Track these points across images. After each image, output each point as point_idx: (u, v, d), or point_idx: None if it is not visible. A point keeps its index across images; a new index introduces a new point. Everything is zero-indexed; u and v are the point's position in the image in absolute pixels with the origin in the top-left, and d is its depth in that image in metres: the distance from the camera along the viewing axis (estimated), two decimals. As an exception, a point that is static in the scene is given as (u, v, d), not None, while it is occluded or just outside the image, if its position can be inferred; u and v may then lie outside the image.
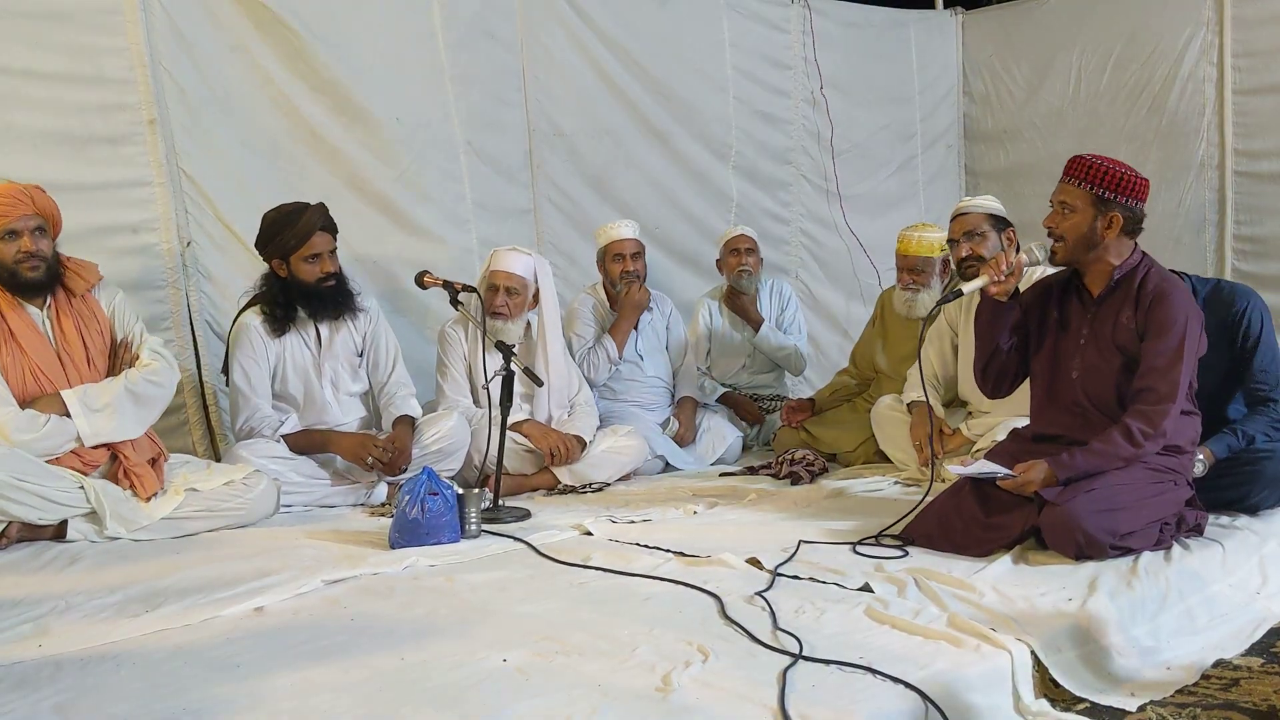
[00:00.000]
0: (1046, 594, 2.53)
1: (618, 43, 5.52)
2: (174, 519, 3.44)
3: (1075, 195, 2.98)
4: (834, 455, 4.61)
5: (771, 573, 2.76)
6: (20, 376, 3.37)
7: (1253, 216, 5.58)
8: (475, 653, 2.20)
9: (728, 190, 6.01)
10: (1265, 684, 2.31)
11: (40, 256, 3.38)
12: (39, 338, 3.41)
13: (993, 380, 3.27)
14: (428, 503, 3.24)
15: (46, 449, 3.33)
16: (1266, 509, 3.27)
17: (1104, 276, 3.04)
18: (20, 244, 3.34)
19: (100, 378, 3.50)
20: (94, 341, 3.50)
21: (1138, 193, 2.97)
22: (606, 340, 4.81)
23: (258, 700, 2.00)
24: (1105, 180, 2.94)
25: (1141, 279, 3.02)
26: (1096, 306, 3.07)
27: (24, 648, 2.36)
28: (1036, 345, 3.20)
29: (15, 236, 3.34)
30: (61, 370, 3.43)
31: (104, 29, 4.12)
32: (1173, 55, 5.77)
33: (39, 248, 3.38)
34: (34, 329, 3.42)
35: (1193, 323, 2.96)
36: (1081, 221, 2.98)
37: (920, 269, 4.44)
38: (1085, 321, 3.08)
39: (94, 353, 3.50)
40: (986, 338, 3.20)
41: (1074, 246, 3.01)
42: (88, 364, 3.48)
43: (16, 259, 3.34)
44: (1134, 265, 3.04)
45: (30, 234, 3.36)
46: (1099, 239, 2.99)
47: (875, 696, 1.96)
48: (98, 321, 3.52)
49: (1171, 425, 2.88)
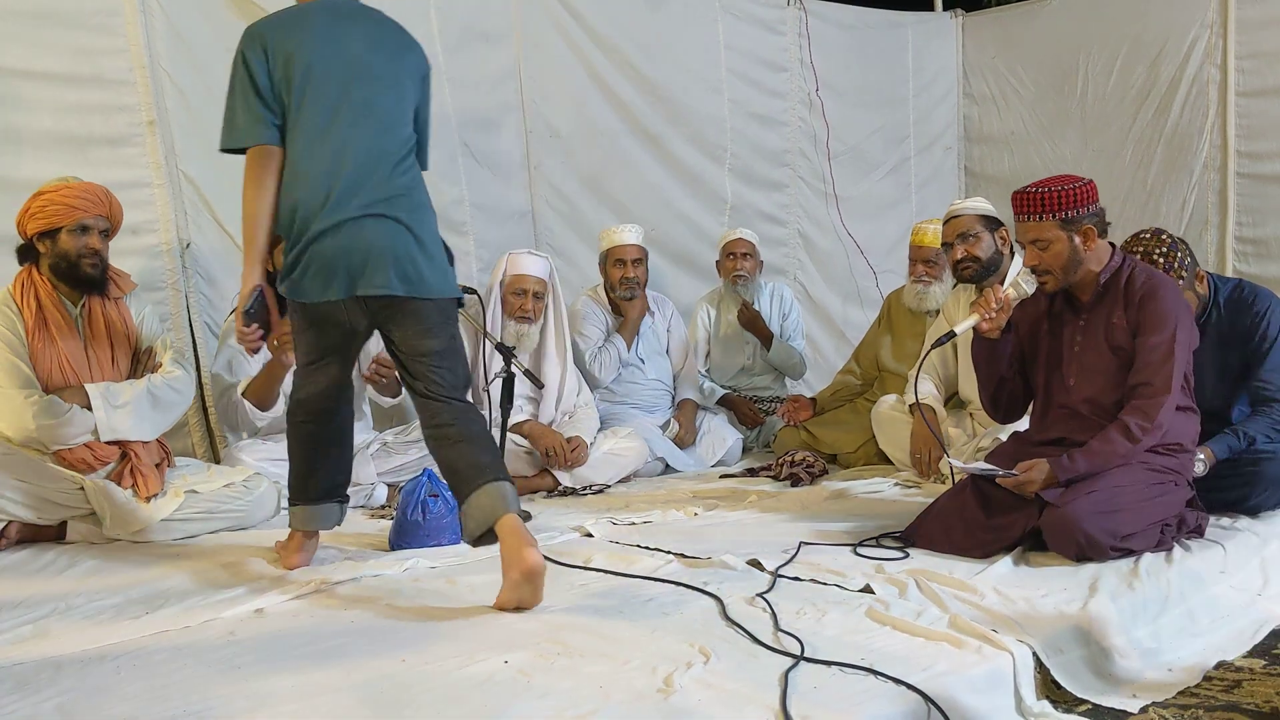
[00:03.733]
0: (1048, 595, 2.53)
1: (613, 45, 5.52)
2: (174, 521, 3.44)
3: (1043, 229, 2.98)
4: (834, 456, 4.61)
5: (772, 574, 2.76)
6: (48, 366, 3.43)
7: (1254, 218, 5.58)
8: (476, 654, 2.20)
9: (722, 192, 6.00)
10: (1267, 685, 2.31)
11: (101, 257, 3.49)
12: (72, 332, 3.49)
13: (1004, 408, 3.29)
14: (428, 505, 3.24)
15: (63, 437, 3.37)
16: (1267, 510, 3.27)
17: (1091, 283, 3.05)
18: (89, 240, 3.44)
19: (121, 379, 3.56)
20: (120, 344, 3.59)
21: (1092, 196, 2.99)
22: (616, 339, 4.80)
23: (258, 702, 2.00)
24: (1063, 203, 2.95)
25: (1128, 278, 3.03)
26: (1087, 312, 3.07)
27: (24, 649, 2.35)
28: (1031, 359, 3.20)
29: (86, 232, 3.43)
30: (87, 366, 3.49)
31: (103, 30, 4.12)
32: (1178, 58, 5.77)
33: (102, 248, 3.49)
34: (68, 323, 3.50)
35: (1184, 316, 2.97)
36: (1061, 250, 2.98)
37: (934, 261, 4.48)
38: (1077, 329, 3.09)
39: (119, 354, 3.58)
40: (988, 373, 3.22)
41: (1062, 274, 3.02)
42: (112, 364, 3.55)
43: (80, 253, 3.43)
44: (1117, 266, 3.05)
45: (99, 234, 3.46)
46: (1081, 255, 3.00)
47: (877, 698, 1.96)
48: (126, 326, 3.62)
49: (1167, 418, 2.89)
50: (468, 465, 2.70)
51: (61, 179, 3.45)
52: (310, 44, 2.80)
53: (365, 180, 2.76)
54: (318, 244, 2.73)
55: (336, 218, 2.72)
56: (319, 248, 2.73)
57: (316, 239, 2.73)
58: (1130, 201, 5.92)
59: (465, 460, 2.71)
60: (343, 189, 2.74)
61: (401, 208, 2.80)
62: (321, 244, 2.73)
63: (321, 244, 2.73)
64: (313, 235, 2.73)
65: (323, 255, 2.73)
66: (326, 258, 2.73)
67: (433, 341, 2.82)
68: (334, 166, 2.75)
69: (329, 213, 2.73)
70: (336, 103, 2.79)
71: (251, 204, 2.80)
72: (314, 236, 2.73)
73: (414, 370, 2.83)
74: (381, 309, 2.81)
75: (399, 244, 2.77)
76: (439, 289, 2.84)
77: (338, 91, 2.79)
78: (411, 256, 2.78)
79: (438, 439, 2.78)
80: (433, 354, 2.82)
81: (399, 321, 2.82)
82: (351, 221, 2.73)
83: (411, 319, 2.81)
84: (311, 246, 2.74)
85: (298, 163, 2.78)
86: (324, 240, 2.73)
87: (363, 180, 2.76)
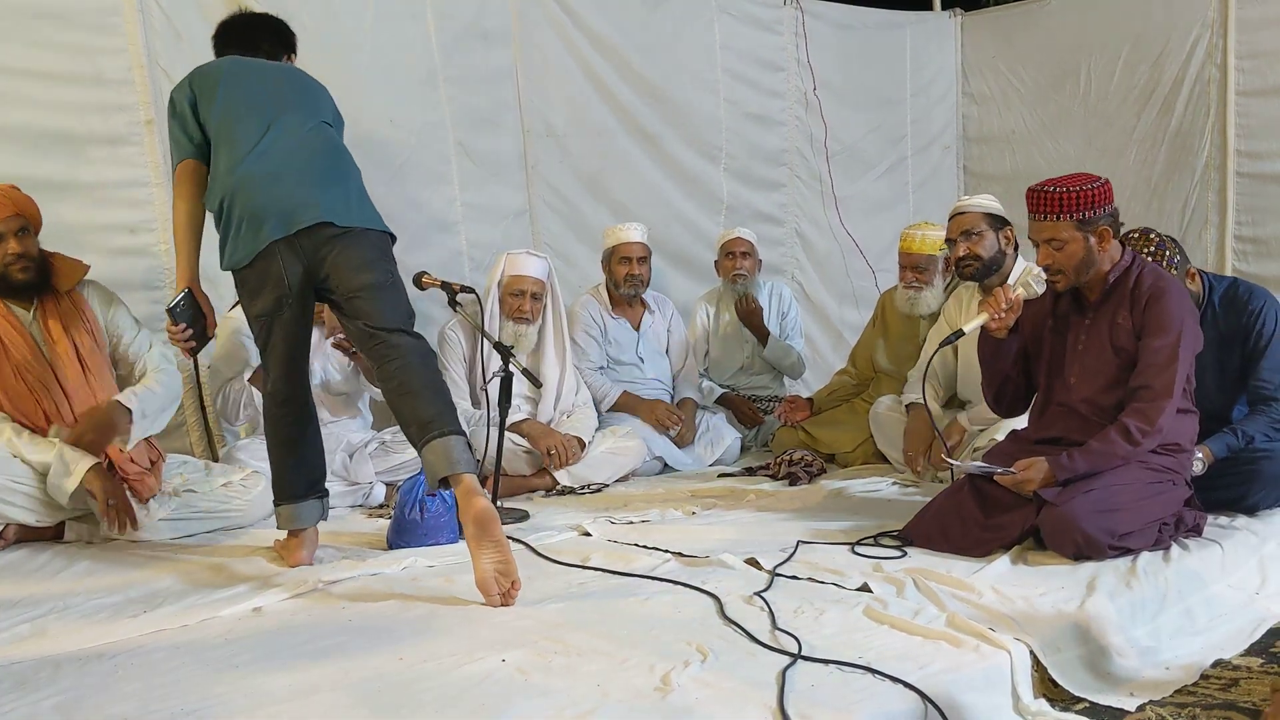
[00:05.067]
0: (1046, 594, 2.53)
1: (610, 45, 5.51)
2: (172, 520, 3.44)
3: (1059, 228, 2.96)
4: (832, 456, 4.61)
5: (770, 573, 2.76)
6: (4, 379, 3.32)
7: (1254, 217, 5.58)
8: (474, 653, 2.20)
9: (719, 192, 5.99)
10: (1264, 684, 2.31)
11: (29, 257, 3.32)
12: (24, 339, 3.35)
13: (1007, 404, 3.30)
14: (426, 504, 3.24)
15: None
16: (1265, 509, 3.27)
17: (1099, 282, 3.05)
18: (6, 247, 3.28)
19: (93, 376, 3.43)
20: (82, 340, 3.43)
21: (1109, 196, 2.98)
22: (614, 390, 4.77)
23: (257, 700, 2.00)
24: (1080, 203, 2.93)
25: (1135, 279, 3.02)
26: (1093, 312, 3.07)
27: (23, 648, 2.36)
28: (1035, 356, 3.20)
29: (1, 240, 3.28)
30: (51, 374, 3.37)
31: (102, 29, 4.11)
32: (1181, 57, 5.77)
33: (25, 248, 3.32)
34: (19, 330, 3.35)
35: (1189, 321, 2.96)
36: (1076, 250, 2.97)
37: (923, 267, 4.45)
38: (1082, 328, 3.09)
39: (83, 351, 3.42)
40: (993, 370, 3.22)
41: (1075, 274, 3.01)
42: (79, 364, 3.41)
43: (5, 262, 3.28)
44: (1126, 266, 3.04)
45: (15, 236, 3.30)
46: (1096, 256, 2.99)
47: (874, 696, 1.96)
48: (84, 318, 3.45)
49: (1168, 422, 2.89)
50: (414, 420, 2.77)
51: None
52: (229, 80, 3.04)
53: (289, 160, 2.93)
54: (245, 202, 2.86)
55: (259, 179, 2.87)
56: (246, 204, 2.86)
57: (244, 199, 2.86)
58: (1135, 200, 5.92)
59: (411, 414, 2.78)
60: (267, 169, 2.89)
61: (320, 163, 2.97)
62: (249, 200, 2.86)
63: (249, 200, 2.86)
64: (240, 199, 2.86)
65: (251, 208, 2.85)
66: (255, 209, 2.85)
67: (368, 275, 2.87)
68: (259, 161, 2.90)
69: (252, 180, 2.87)
70: (258, 118, 2.97)
71: (176, 212, 3.00)
72: (241, 199, 2.86)
73: (352, 309, 2.88)
74: (316, 249, 2.86)
75: (325, 183, 2.92)
76: (371, 221, 2.95)
77: (258, 112, 2.98)
78: (338, 195, 2.91)
79: (387, 390, 2.86)
80: (369, 287, 2.86)
81: (334, 261, 2.86)
82: (270, 176, 2.88)
83: (344, 254, 2.86)
84: (238, 207, 2.86)
85: (220, 166, 2.95)
86: (251, 197, 2.86)
87: (287, 160, 2.93)
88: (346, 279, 2.86)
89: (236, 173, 2.89)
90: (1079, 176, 3.01)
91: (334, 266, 2.87)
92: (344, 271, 2.86)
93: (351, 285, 2.86)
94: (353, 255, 2.87)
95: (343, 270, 2.86)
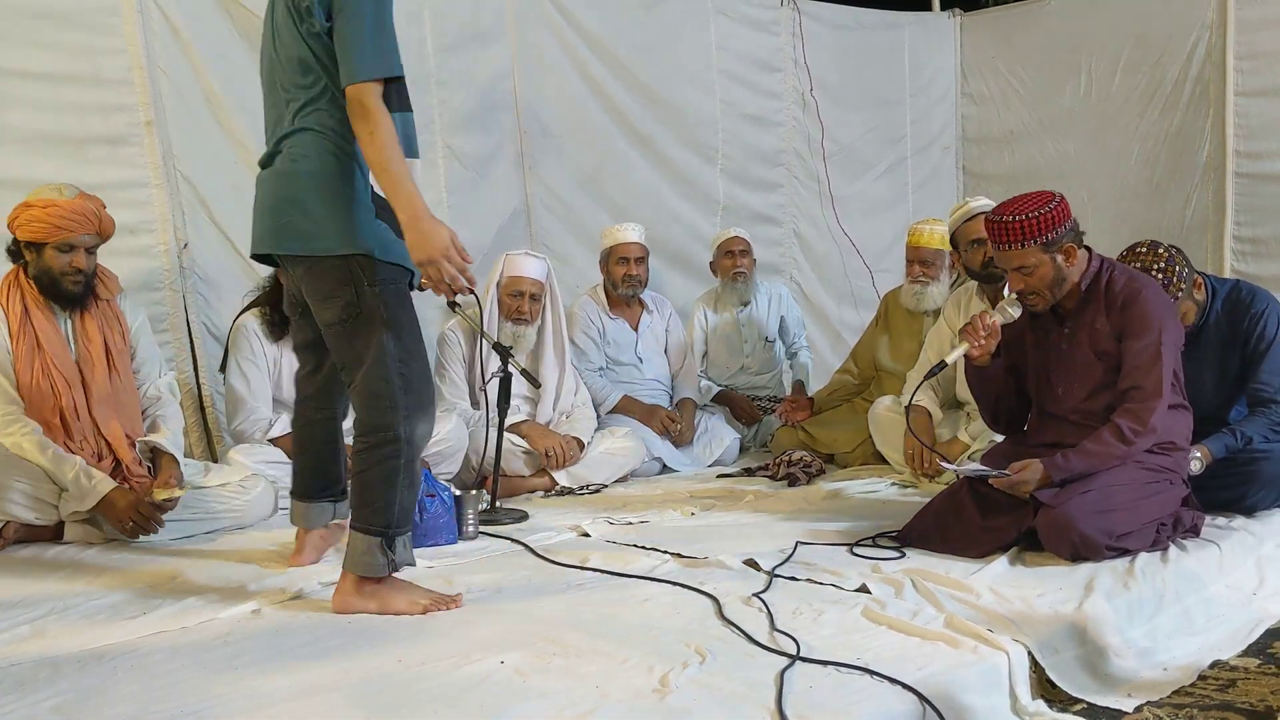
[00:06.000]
0: (1043, 595, 2.54)
1: (606, 46, 5.50)
2: (171, 521, 3.44)
3: (1026, 255, 2.95)
4: (831, 456, 4.62)
5: (769, 574, 2.76)
6: (33, 375, 3.38)
7: (1253, 218, 5.59)
8: (473, 654, 2.20)
9: (715, 193, 5.99)
10: (1262, 684, 2.31)
11: (85, 274, 3.42)
12: (59, 338, 3.44)
13: (1005, 422, 3.31)
14: (425, 504, 3.24)
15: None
16: (1263, 510, 3.27)
17: (1073, 293, 3.05)
18: (73, 259, 3.37)
19: (119, 378, 3.52)
20: (115, 343, 3.54)
21: (1066, 213, 2.97)
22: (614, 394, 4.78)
23: (256, 701, 2.01)
24: (1041, 228, 2.92)
25: (1107, 282, 3.03)
26: (1072, 320, 3.07)
27: (22, 649, 2.36)
28: (1023, 372, 3.21)
29: (72, 250, 3.37)
30: (77, 371, 3.45)
31: (102, 30, 4.11)
32: (1181, 57, 5.77)
33: (88, 265, 3.43)
34: (55, 329, 3.45)
35: (1169, 317, 2.98)
36: (1046, 272, 2.97)
37: (931, 261, 4.47)
38: (1063, 338, 3.09)
39: (114, 354, 3.53)
40: (984, 394, 3.23)
41: (1050, 293, 3.01)
42: (107, 364, 3.50)
43: (64, 271, 3.37)
44: (1095, 271, 3.04)
45: (85, 252, 3.40)
46: (1066, 273, 2.99)
47: (873, 697, 1.97)
48: (120, 325, 3.58)
49: (1160, 421, 2.89)
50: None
51: (54, 188, 3.36)
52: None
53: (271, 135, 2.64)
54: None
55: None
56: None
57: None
58: (1136, 201, 5.93)
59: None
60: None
61: (283, 154, 2.55)
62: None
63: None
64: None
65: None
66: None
67: (326, 311, 2.52)
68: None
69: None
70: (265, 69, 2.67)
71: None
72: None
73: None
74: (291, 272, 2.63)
75: (277, 194, 2.55)
76: (323, 245, 2.47)
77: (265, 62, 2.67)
78: (285, 208, 2.52)
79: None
80: (326, 326, 2.55)
81: (302, 287, 2.59)
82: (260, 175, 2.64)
83: (304, 283, 2.57)
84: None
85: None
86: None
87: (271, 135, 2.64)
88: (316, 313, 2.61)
89: None
90: (1033, 199, 2.98)
91: (303, 293, 2.63)
92: (311, 303, 2.61)
93: (320, 319, 2.60)
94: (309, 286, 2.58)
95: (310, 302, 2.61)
